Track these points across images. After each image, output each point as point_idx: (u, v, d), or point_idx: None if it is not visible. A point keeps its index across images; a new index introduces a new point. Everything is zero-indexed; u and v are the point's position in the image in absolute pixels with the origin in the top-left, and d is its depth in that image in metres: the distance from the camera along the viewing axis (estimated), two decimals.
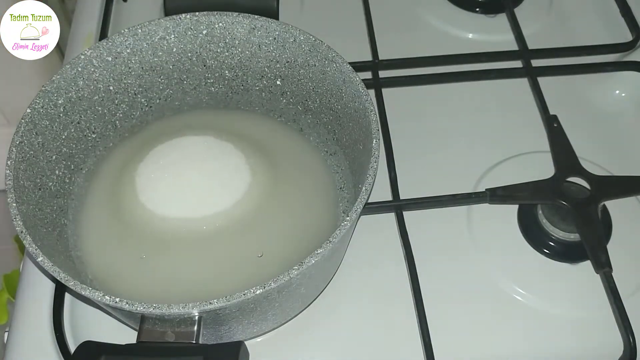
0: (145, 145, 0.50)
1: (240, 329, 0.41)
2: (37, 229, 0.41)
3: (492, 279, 0.48)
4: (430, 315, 0.45)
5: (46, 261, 0.37)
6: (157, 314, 0.36)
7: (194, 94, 0.52)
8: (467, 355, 0.45)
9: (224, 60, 0.50)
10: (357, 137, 0.46)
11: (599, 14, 0.66)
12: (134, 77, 0.49)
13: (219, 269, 0.45)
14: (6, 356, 0.45)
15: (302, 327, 0.46)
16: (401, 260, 0.48)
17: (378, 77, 0.58)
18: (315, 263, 0.36)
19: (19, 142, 0.42)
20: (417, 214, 0.51)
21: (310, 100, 0.50)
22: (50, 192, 0.44)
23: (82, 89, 0.47)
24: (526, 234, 0.50)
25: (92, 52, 0.46)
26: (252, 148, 0.49)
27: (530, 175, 0.51)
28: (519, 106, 0.58)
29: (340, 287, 0.48)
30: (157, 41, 0.48)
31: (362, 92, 0.44)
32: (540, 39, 0.62)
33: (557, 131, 0.54)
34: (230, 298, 0.35)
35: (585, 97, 0.59)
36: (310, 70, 0.48)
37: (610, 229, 0.50)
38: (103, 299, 0.36)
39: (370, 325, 0.46)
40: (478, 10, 0.65)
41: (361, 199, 0.39)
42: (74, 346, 0.43)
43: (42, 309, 0.47)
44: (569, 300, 0.47)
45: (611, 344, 0.45)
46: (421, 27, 0.65)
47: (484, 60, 0.60)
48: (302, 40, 0.47)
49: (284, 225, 0.46)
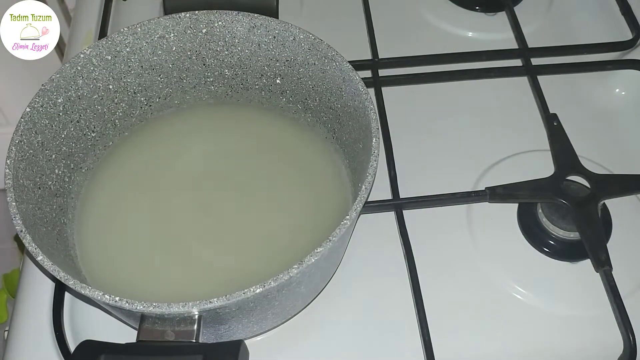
0: (145, 144, 0.50)
1: (240, 328, 0.41)
2: (37, 228, 0.41)
3: (492, 277, 0.48)
4: (430, 313, 0.45)
5: (46, 260, 0.37)
6: (157, 313, 0.36)
7: (193, 92, 0.52)
8: (467, 354, 0.45)
9: (224, 58, 0.50)
10: (356, 136, 0.46)
11: (599, 12, 0.66)
12: (133, 76, 0.49)
13: (219, 267, 0.45)
14: (6, 355, 0.45)
15: (302, 326, 0.46)
16: (401, 259, 0.48)
17: (378, 75, 0.58)
18: (315, 262, 0.36)
19: (18, 141, 0.42)
20: (417, 213, 0.51)
21: (309, 98, 0.50)
22: (49, 191, 0.44)
23: (82, 88, 0.47)
24: (526, 233, 0.50)
25: (91, 50, 0.46)
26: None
27: (530, 173, 0.51)
28: (519, 105, 0.58)
29: (340, 286, 0.48)
30: (156, 40, 0.48)
31: (361, 90, 0.44)
32: (540, 37, 0.62)
33: (557, 130, 0.54)
34: (230, 297, 0.35)
35: (585, 96, 0.59)
36: (309, 69, 0.48)
37: (610, 228, 0.50)
38: (103, 298, 0.36)
39: (370, 324, 0.46)
40: (478, 8, 0.65)
41: (361, 198, 0.39)
42: (74, 345, 0.43)
43: (42, 308, 0.47)
44: (569, 299, 0.47)
45: (611, 342, 0.45)
46: (421, 25, 0.65)
47: (484, 58, 0.60)
48: (302, 39, 0.47)
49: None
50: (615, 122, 0.58)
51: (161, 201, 0.48)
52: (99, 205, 0.48)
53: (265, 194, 0.48)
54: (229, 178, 0.49)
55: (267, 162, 0.50)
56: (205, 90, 0.52)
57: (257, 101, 0.52)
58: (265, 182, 0.49)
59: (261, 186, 0.48)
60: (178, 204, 0.48)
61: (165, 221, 0.47)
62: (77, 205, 0.47)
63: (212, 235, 0.46)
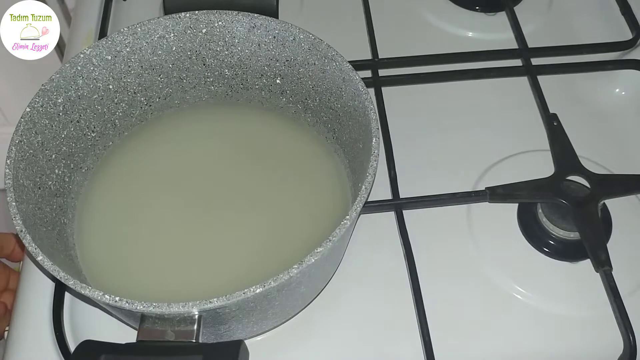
0: (145, 144, 0.50)
1: (240, 328, 0.41)
2: (37, 228, 0.41)
3: (492, 277, 0.48)
4: (430, 313, 0.45)
5: (46, 260, 0.37)
6: (157, 313, 0.36)
7: (193, 92, 0.52)
8: (467, 354, 0.45)
9: (224, 58, 0.50)
10: (356, 136, 0.46)
11: (599, 12, 0.66)
12: (133, 76, 0.49)
13: (219, 266, 0.45)
14: (6, 355, 0.45)
15: (302, 326, 0.46)
16: (401, 258, 0.48)
17: (378, 75, 0.58)
18: (315, 262, 0.36)
19: (18, 141, 0.42)
20: (417, 213, 0.51)
21: (309, 98, 0.50)
22: (49, 191, 0.44)
23: (82, 88, 0.47)
24: (526, 233, 0.50)
25: (91, 50, 0.46)
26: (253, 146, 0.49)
27: (530, 173, 0.51)
28: (519, 104, 0.58)
29: (340, 286, 0.48)
30: (156, 40, 0.48)
31: (361, 90, 0.44)
32: (540, 37, 0.62)
33: (557, 129, 0.54)
34: (230, 297, 0.35)
35: (585, 96, 0.59)
36: (309, 69, 0.48)
37: (610, 228, 0.50)
38: (103, 298, 0.36)
39: (370, 324, 0.46)
40: (478, 8, 0.65)
41: (361, 198, 0.39)
42: (74, 345, 0.43)
43: (42, 308, 0.47)
44: (569, 299, 0.47)
45: (611, 342, 0.45)
46: (421, 25, 0.65)
47: (484, 58, 0.60)
48: (302, 39, 0.47)
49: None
50: (615, 122, 0.58)
51: (161, 201, 0.48)
52: (99, 205, 0.48)
53: (265, 194, 0.48)
54: (229, 178, 0.49)
55: (267, 162, 0.50)
56: (205, 90, 0.52)
57: (257, 101, 0.52)
58: (265, 182, 0.49)
59: (261, 186, 0.48)
60: (178, 204, 0.48)
61: (166, 221, 0.47)
62: (77, 205, 0.47)
63: (212, 235, 0.46)
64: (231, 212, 0.47)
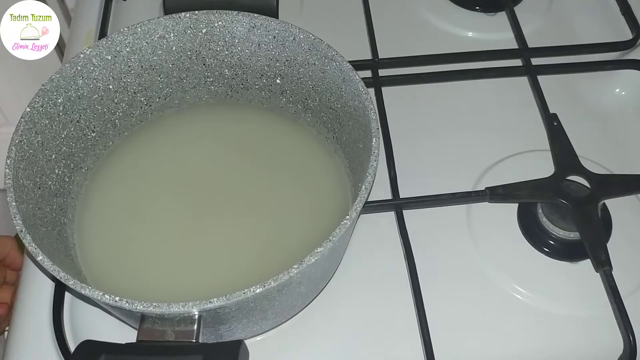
0: (145, 144, 0.50)
1: (240, 328, 0.41)
2: (37, 228, 0.41)
3: (492, 277, 0.48)
4: (430, 313, 0.45)
5: (46, 260, 0.37)
6: (157, 313, 0.36)
7: (193, 92, 0.52)
8: (467, 354, 0.45)
9: (224, 58, 0.50)
10: (356, 136, 0.46)
11: (599, 12, 0.66)
12: (133, 76, 0.49)
13: (220, 266, 0.45)
14: (6, 355, 0.45)
15: (302, 326, 0.46)
16: (401, 258, 0.48)
17: (378, 75, 0.58)
18: (315, 262, 0.36)
19: (18, 141, 0.42)
20: (417, 213, 0.51)
21: (309, 98, 0.50)
22: (49, 191, 0.44)
23: (82, 88, 0.47)
24: (526, 233, 0.50)
25: (91, 50, 0.46)
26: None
27: (530, 173, 0.51)
28: (519, 104, 0.58)
29: (340, 286, 0.48)
30: (156, 40, 0.48)
31: (361, 90, 0.44)
32: (540, 37, 0.62)
33: (557, 129, 0.54)
34: (230, 297, 0.35)
35: (585, 96, 0.59)
36: (309, 69, 0.48)
37: (610, 228, 0.50)
38: (103, 298, 0.36)
39: (370, 324, 0.46)
40: (478, 8, 0.65)
41: (361, 198, 0.39)
42: (74, 345, 0.43)
43: (42, 308, 0.47)
44: (569, 299, 0.47)
45: (611, 342, 0.45)
46: (421, 25, 0.65)
47: (484, 58, 0.60)
48: (302, 39, 0.47)
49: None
50: (615, 122, 0.58)
51: (161, 201, 0.48)
52: (99, 205, 0.48)
53: (266, 193, 0.48)
54: (229, 178, 0.49)
55: (267, 162, 0.50)
56: (205, 90, 0.52)
57: (257, 101, 0.52)
58: (266, 182, 0.49)
59: (261, 186, 0.48)
60: (178, 204, 0.48)
61: (166, 221, 0.47)
62: (77, 205, 0.47)
63: (212, 235, 0.46)
64: (231, 211, 0.47)
